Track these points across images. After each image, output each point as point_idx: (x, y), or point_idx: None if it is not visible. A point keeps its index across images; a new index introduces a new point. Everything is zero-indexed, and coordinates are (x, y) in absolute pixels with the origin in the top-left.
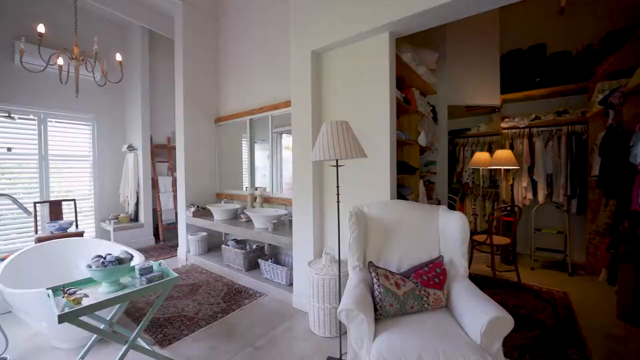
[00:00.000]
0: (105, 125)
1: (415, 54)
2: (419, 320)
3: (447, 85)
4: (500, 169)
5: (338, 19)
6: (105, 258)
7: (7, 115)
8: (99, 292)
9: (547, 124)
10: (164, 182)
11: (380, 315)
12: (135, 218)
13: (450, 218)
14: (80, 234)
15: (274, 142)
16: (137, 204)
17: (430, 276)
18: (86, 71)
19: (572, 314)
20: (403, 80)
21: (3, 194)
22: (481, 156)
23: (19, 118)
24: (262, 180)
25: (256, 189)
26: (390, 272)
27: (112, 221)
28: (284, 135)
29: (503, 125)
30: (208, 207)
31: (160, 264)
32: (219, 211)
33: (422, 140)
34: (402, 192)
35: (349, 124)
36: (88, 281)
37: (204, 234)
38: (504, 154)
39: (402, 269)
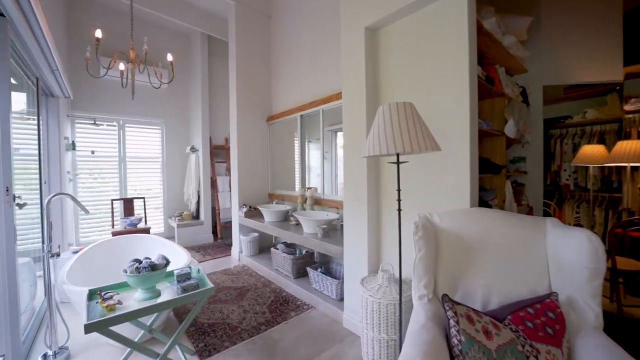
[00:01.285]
0: (172, 128)
1: (501, 21)
2: None
3: (542, 59)
4: (626, 167)
5: None
6: (141, 263)
7: (92, 122)
8: (134, 299)
9: None
10: (222, 182)
11: None
12: (196, 216)
13: (568, 237)
14: (147, 230)
15: (328, 140)
16: (198, 203)
17: (539, 323)
18: (151, 78)
19: None
20: (483, 55)
21: (65, 193)
22: (593, 150)
23: (107, 125)
24: (317, 180)
25: (307, 189)
26: (475, 311)
27: (176, 218)
28: (338, 134)
29: (628, 107)
30: (259, 207)
31: (199, 270)
32: (268, 212)
33: (510, 130)
34: (482, 196)
35: (415, 107)
36: (126, 284)
37: (256, 234)
38: (631, 146)
39: (491, 306)
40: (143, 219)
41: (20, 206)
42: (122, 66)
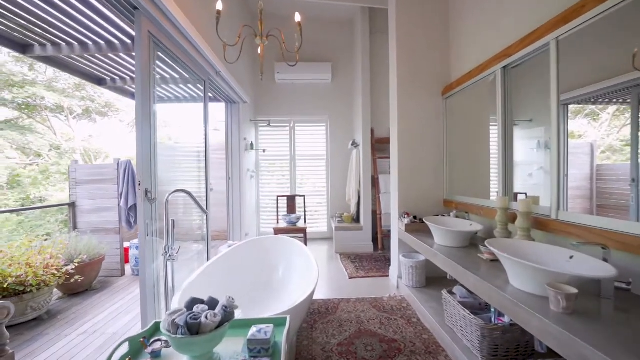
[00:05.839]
0: (336, 124)
1: None
2: None
3: None
4: None
5: None
6: (190, 311)
7: (267, 124)
8: None
9: None
10: (385, 181)
11: None
12: (356, 219)
13: None
14: (303, 230)
15: (556, 117)
16: (358, 204)
17: None
18: (316, 74)
19: None
20: None
21: (181, 189)
22: None
23: (285, 126)
24: (527, 184)
25: (520, 195)
26: None
27: (336, 219)
28: (570, 108)
29: None
30: (426, 220)
31: (282, 346)
32: (439, 232)
33: None
34: None
35: None
36: None
37: (422, 258)
38: None
39: None
40: (302, 218)
41: (151, 201)
42: (259, 50)
